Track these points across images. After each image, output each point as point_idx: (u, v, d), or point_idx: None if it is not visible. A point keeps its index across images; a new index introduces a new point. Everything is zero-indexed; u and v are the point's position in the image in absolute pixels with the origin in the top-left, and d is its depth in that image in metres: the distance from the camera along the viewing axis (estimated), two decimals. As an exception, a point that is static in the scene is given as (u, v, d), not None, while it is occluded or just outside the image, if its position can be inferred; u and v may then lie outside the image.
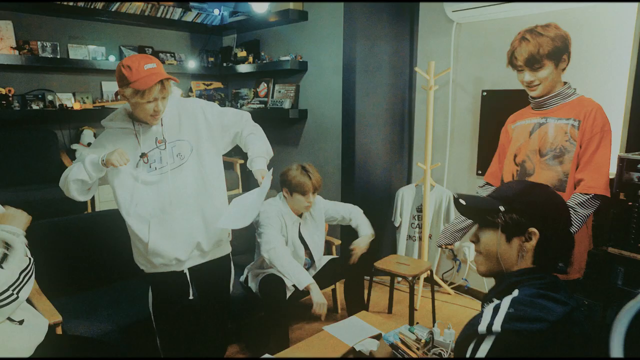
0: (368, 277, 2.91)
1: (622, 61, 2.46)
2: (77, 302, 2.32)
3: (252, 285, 2.58)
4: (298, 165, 2.53)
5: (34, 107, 3.50)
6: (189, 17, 4.08)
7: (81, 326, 2.08)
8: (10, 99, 3.38)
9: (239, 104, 4.31)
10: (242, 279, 2.69)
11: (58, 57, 3.61)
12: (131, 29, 4.02)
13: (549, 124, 1.82)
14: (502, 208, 1.08)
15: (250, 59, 4.15)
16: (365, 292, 2.80)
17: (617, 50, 2.49)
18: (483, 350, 0.91)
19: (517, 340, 0.90)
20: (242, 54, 4.20)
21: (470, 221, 1.09)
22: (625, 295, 1.93)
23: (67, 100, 3.67)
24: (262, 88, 4.16)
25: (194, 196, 1.88)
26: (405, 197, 3.40)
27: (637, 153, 2.04)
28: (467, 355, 0.93)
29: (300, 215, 2.61)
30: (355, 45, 3.37)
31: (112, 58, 3.85)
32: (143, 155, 1.78)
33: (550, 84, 1.79)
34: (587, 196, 1.71)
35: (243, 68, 4.16)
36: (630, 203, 1.91)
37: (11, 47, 3.36)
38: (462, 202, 1.13)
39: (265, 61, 4.02)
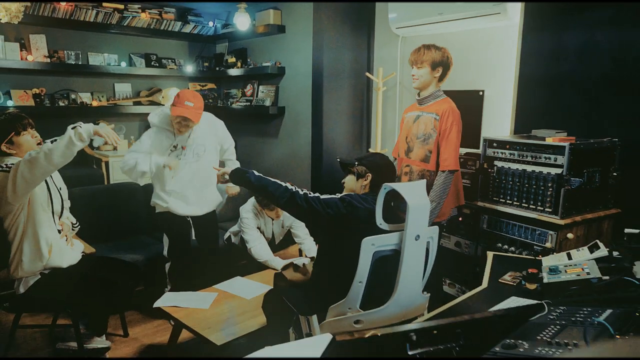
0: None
1: (512, 67, 3.38)
2: (101, 249, 3.28)
3: (235, 240, 3.53)
4: None
5: (60, 104, 4.47)
6: (187, 29, 5.06)
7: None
8: (42, 97, 4.35)
9: (229, 102, 5.26)
10: (225, 237, 3.64)
11: (80, 63, 4.58)
12: (139, 39, 4.99)
13: (423, 116, 2.73)
14: (356, 163, 2.03)
15: (239, 64, 5.11)
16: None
17: (509, 58, 3.41)
18: (329, 196, 1.92)
19: (347, 202, 1.86)
20: (232, 59, 5.16)
21: None
22: (488, 235, 2.86)
23: (87, 98, 4.64)
24: (249, 89, 5.11)
25: (200, 179, 3.01)
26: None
27: (517, 135, 2.96)
28: (325, 196, 1.94)
29: (272, 218, 3.49)
30: (323, 54, 4.32)
31: (123, 64, 4.82)
32: (175, 147, 2.97)
33: (425, 81, 2.69)
34: (445, 172, 2.60)
35: (233, 72, 5.11)
36: (490, 170, 2.84)
37: (44, 56, 4.34)
38: (338, 160, 2.09)
39: (251, 66, 4.97)
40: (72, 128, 2.28)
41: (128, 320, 2.98)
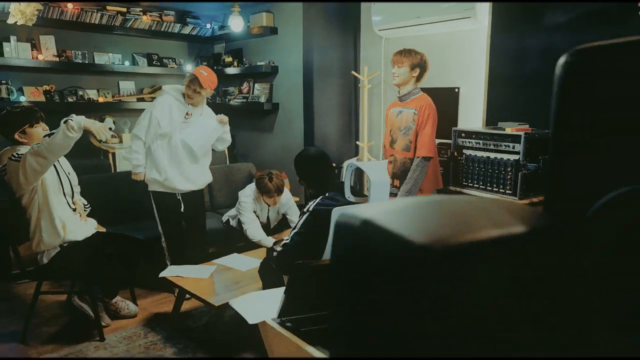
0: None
1: (483, 66, 3.72)
2: (108, 230, 3.60)
3: (233, 223, 3.87)
4: (269, 173, 3.70)
5: (69, 100, 4.79)
6: (186, 30, 5.38)
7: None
8: (52, 93, 4.67)
9: (227, 99, 5.59)
10: (224, 220, 3.98)
11: (86, 62, 4.90)
12: (141, 40, 5.31)
13: (404, 112, 3.08)
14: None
15: (235, 63, 5.44)
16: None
17: (481, 58, 3.75)
18: (303, 219, 2.22)
19: (317, 214, 2.18)
20: (229, 59, 5.48)
21: None
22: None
23: (93, 95, 4.97)
24: (245, 86, 5.44)
25: (196, 151, 3.31)
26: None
27: (485, 127, 3.29)
28: (300, 223, 2.23)
29: (268, 205, 3.84)
30: (312, 54, 4.65)
31: (126, 63, 5.15)
32: (187, 114, 3.32)
33: (404, 79, 3.05)
34: (419, 158, 2.95)
35: (230, 70, 5.44)
36: (459, 158, 3.18)
37: (53, 55, 4.66)
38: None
39: (246, 65, 5.30)
40: (65, 122, 2.60)
41: (136, 294, 3.30)
